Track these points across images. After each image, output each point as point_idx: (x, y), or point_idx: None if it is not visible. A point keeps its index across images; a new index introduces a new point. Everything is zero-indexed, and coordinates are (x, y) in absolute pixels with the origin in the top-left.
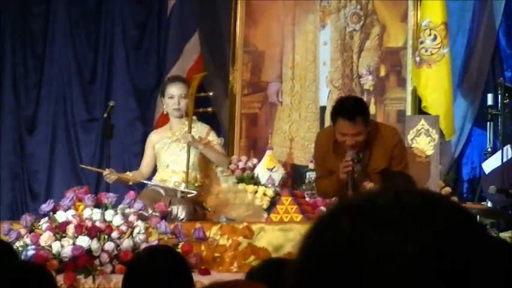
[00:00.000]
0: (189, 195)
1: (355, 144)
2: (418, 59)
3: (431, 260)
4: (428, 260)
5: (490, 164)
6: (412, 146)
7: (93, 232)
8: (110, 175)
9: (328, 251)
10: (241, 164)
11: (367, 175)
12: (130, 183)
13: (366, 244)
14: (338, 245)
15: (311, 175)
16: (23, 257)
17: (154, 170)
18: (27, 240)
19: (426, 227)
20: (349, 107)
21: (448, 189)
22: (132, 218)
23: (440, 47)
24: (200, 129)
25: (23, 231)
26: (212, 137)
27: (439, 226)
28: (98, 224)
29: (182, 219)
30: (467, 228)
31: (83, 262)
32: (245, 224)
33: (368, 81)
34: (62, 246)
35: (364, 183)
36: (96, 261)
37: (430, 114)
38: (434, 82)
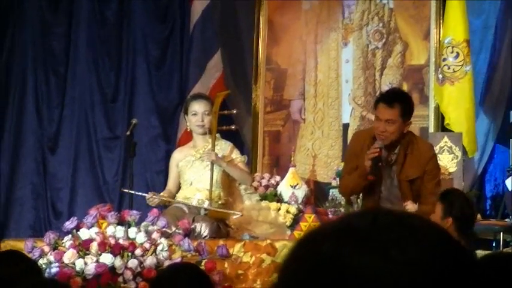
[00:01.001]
0: (234, 217)
1: (385, 133)
2: (440, 76)
3: (411, 280)
4: (408, 281)
5: None
6: None
7: (117, 249)
8: (152, 198)
9: (310, 273)
10: (264, 182)
11: (398, 182)
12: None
13: (347, 266)
14: (320, 267)
15: (334, 192)
16: (46, 275)
17: (179, 188)
18: (51, 258)
19: (404, 248)
20: (391, 92)
21: None
22: (155, 235)
23: (462, 65)
24: (224, 146)
25: (46, 248)
26: (236, 155)
27: (417, 247)
28: (121, 241)
29: (205, 236)
30: (445, 249)
31: (106, 279)
32: (268, 241)
33: None
34: (86, 263)
35: (404, 204)
36: (120, 279)
37: (452, 132)
38: (456, 99)
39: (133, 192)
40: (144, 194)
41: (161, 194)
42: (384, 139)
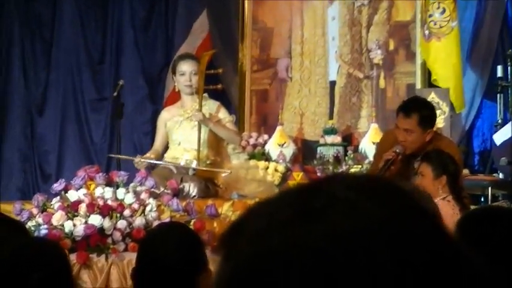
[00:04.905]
0: (223, 175)
1: (404, 143)
2: (427, 32)
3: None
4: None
5: (500, 136)
6: None
7: (105, 211)
8: (141, 162)
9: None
10: (252, 141)
11: None
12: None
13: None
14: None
15: (322, 150)
16: None
17: (166, 148)
18: (40, 220)
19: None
20: (408, 102)
21: None
22: (143, 195)
23: (449, 20)
24: (211, 106)
25: (35, 211)
26: (223, 114)
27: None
28: (109, 202)
29: (194, 196)
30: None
31: (96, 241)
32: (257, 200)
33: (377, 56)
34: (74, 225)
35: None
36: (109, 240)
37: (440, 87)
38: (443, 55)
39: (121, 156)
40: (132, 158)
41: (147, 154)
42: (405, 147)
